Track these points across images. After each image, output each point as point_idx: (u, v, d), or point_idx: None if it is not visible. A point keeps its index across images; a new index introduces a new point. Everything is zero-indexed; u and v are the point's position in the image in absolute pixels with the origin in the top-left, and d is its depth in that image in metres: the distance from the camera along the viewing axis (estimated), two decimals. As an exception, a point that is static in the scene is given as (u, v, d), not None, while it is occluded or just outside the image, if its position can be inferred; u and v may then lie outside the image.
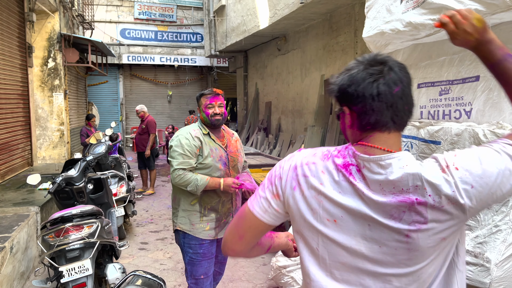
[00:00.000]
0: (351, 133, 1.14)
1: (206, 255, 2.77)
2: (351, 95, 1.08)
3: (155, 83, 17.37)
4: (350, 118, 1.12)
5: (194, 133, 2.72)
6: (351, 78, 1.08)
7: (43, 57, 9.01)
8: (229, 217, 2.83)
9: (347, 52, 7.39)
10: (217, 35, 13.01)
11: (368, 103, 1.06)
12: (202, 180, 2.62)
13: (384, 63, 1.09)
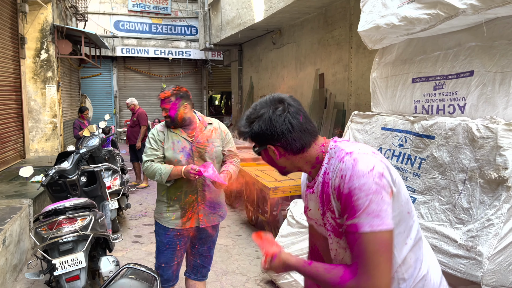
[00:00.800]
0: (287, 160, 1.36)
1: (170, 246, 2.88)
2: (272, 136, 1.30)
3: (149, 76, 17.26)
4: (279, 152, 1.34)
5: (158, 128, 2.92)
6: (265, 123, 1.30)
7: (36, 49, 8.91)
8: (195, 208, 2.86)
9: (342, 46, 7.38)
10: (211, 28, 12.94)
11: (288, 136, 1.29)
12: (165, 169, 2.74)
13: (282, 101, 1.32)
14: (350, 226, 1.16)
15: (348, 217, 1.17)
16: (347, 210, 1.18)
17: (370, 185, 1.15)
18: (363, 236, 1.14)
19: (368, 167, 1.17)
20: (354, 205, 1.15)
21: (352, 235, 1.16)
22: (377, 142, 3.37)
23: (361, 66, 6.79)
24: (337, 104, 7.43)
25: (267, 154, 1.38)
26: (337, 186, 1.21)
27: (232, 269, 4.33)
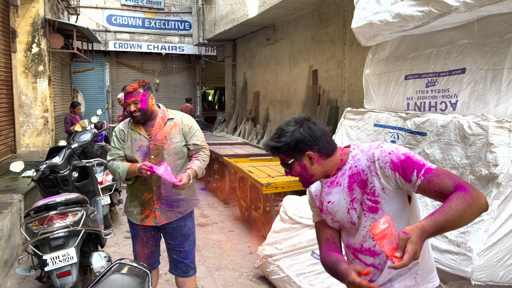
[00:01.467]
0: (321, 165, 1.61)
1: (137, 238, 2.95)
2: (312, 140, 1.57)
3: (142, 71, 17.15)
4: (315, 157, 1.58)
5: (120, 126, 2.91)
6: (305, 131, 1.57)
7: (27, 42, 8.81)
8: (152, 206, 2.85)
9: (336, 43, 7.39)
10: (205, 23, 12.88)
11: (325, 140, 1.59)
12: (122, 168, 2.77)
13: (309, 117, 1.64)
14: (426, 171, 1.43)
15: (418, 170, 1.44)
16: (410, 168, 1.45)
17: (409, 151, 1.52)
18: (438, 170, 1.43)
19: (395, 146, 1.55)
20: (415, 161, 1.46)
21: (431, 175, 1.42)
22: (369, 138, 3.39)
23: (354, 62, 6.80)
24: (330, 100, 7.44)
25: (301, 163, 1.60)
26: (391, 161, 1.49)
27: (224, 264, 4.34)
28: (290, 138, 1.57)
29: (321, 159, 1.59)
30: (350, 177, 1.59)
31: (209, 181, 7.84)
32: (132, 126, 2.84)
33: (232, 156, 6.67)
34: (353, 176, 1.58)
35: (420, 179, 1.42)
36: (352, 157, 1.61)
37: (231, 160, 6.12)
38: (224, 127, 13.57)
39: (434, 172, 1.42)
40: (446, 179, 1.40)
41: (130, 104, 2.74)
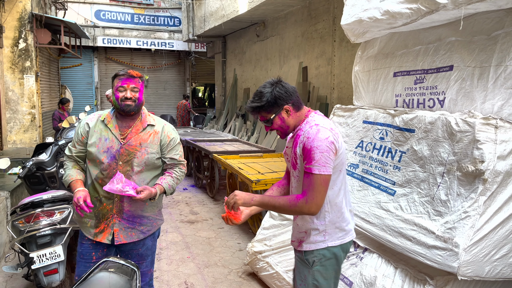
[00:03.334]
0: (294, 118, 2.04)
1: (84, 257, 2.47)
2: (287, 96, 2.00)
3: (131, 67, 16.95)
4: (291, 109, 2.02)
5: (86, 120, 2.49)
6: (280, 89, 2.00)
7: (14, 38, 8.67)
8: (109, 220, 2.44)
9: (325, 40, 7.40)
10: (195, 19, 12.80)
11: (296, 95, 2.03)
12: (67, 177, 2.43)
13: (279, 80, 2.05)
14: (308, 169, 1.89)
15: (307, 163, 1.89)
16: (306, 158, 1.90)
17: (323, 147, 1.87)
18: (314, 175, 1.87)
19: (324, 136, 1.89)
20: (312, 157, 1.87)
21: (307, 174, 1.89)
22: (358, 135, 3.40)
23: (344, 59, 6.82)
24: (320, 97, 7.46)
25: (281, 117, 2.01)
26: (304, 143, 1.92)
27: (214, 261, 4.33)
28: (270, 97, 1.97)
29: (294, 111, 2.02)
30: (296, 136, 2.02)
31: (198, 178, 7.81)
32: (107, 122, 2.44)
33: (222, 153, 6.65)
34: (297, 137, 2.01)
35: (305, 167, 1.92)
36: (306, 122, 2.02)
37: (221, 157, 6.11)
38: (214, 123, 13.53)
39: (310, 174, 1.88)
40: (306, 183, 1.89)
41: (127, 90, 2.38)
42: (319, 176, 1.86)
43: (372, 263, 2.77)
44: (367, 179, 3.09)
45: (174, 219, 5.77)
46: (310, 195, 1.88)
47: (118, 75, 2.42)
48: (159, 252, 4.53)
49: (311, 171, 1.87)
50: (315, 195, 1.87)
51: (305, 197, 1.88)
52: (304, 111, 2.05)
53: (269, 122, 2.03)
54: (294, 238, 2.16)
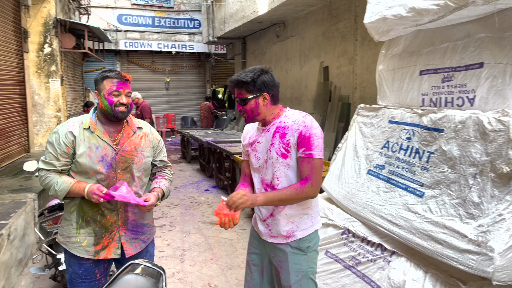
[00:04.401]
0: (267, 108, 2.13)
1: (87, 277, 2.28)
2: (272, 86, 2.12)
3: (152, 70, 17.22)
4: (268, 100, 2.12)
5: (68, 128, 2.20)
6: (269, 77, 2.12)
7: (39, 43, 8.88)
8: (114, 234, 2.28)
9: (347, 39, 7.30)
10: (215, 21, 12.85)
11: (277, 90, 2.17)
12: (63, 184, 2.14)
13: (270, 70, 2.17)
14: (308, 154, 2.03)
15: (306, 149, 2.04)
16: (305, 145, 2.04)
17: (319, 134, 2.06)
18: (315, 159, 2.04)
19: (317, 125, 2.10)
20: (312, 143, 2.04)
21: (307, 159, 2.04)
22: (384, 135, 3.33)
23: (366, 58, 6.72)
24: (342, 97, 7.37)
25: (257, 101, 2.10)
26: (300, 131, 2.04)
27: (237, 263, 4.32)
28: (258, 78, 2.06)
29: (270, 103, 2.12)
30: (276, 128, 2.12)
31: (220, 179, 7.82)
32: (93, 129, 2.22)
33: (243, 154, 6.64)
34: (279, 128, 2.11)
35: (302, 154, 2.04)
36: (285, 115, 2.14)
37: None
38: (234, 125, 13.55)
39: (310, 159, 2.02)
40: (308, 168, 2.03)
41: (122, 95, 2.21)
42: (319, 160, 2.03)
43: (400, 267, 2.70)
44: (394, 181, 3.01)
45: (196, 220, 5.79)
46: (314, 178, 2.01)
47: (109, 76, 2.21)
48: (183, 254, 4.55)
49: (312, 156, 2.02)
50: (318, 177, 2.04)
51: (310, 181, 2.01)
52: (278, 107, 2.17)
53: (244, 102, 2.10)
54: (280, 231, 2.18)
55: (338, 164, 3.78)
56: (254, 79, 2.07)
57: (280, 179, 2.12)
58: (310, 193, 2.03)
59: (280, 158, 2.10)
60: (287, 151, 2.08)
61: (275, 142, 2.11)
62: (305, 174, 2.03)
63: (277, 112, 2.17)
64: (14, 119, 7.16)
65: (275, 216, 2.18)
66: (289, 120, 2.11)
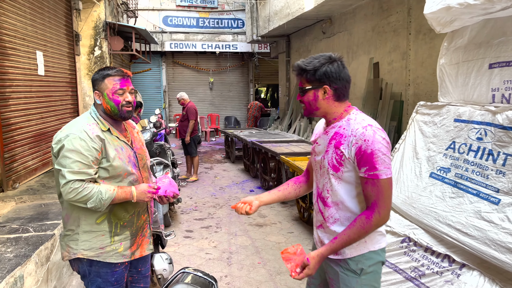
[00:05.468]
0: (328, 104, 1.83)
1: (119, 282, 2.23)
2: (336, 78, 1.78)
3: (197, 70, 17.41)
4: (329, 93, 1.80)
5: (91, 131, 2.03)
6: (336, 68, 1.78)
7: (90, 45, 9.14)
8: (146, 230, 2.30)
9: (399, 33, 6.93)
10: (259, 20, 12.75)
11: (344, 85, 1.81)
12: (108, 192, 2.00)
13: (341, 59, 1.83)
14: (373, 175, 1.69)
15: (369, 169, 1.69)
16: (367, 163, 1.69)
17: (383, 148, 1.69)
18: (381, 181, 1.69)
19: (381, 136, 1.71)
20: (376, 161, 1.68)
21: (372, 181, 1.70)
22: (449, 135, 3.04)
23: (420, 53, 6.33)
24: (393, 94, 7.01)
25: (316, 93, 1.81)
26: (359, 146, 1.70)
27: (286, 268, 4.15)
28: (321, 67, 1.77)
29: (332, 98, 1.81)
30: (334, 134, 1.83)
31: (265, 180, 7.69)
32: (111, 130, 2.13)
33: (289, 154, 6.47)
34: (336, 134, 1.82)
35: (364, 175, 1.71)
36: (348, 119, 1.81)
37: (288, 159, 5.93)
38: (278, 124, 13.39)
39: (375, 181, 1.69)
40: (374, 193, 1.70)
41: (126, 92, 2.10)
42: (387, 180, 1.71)
43: (472, 282, 2.43)
44: (462, 185, 2.73)
45: (242, 222, 5.69)
46: (381, 204, 1.70)
47: (111, 74, 2.08)
48: (230, 256, 4.45)
49: (378, 177, 1.69)
50: (388, 201, 1.71)
51: (377, 208, 1.70)
52: (343, 106, 1.85)
53: (303, 92, 1.85)
54: None
55: (396, 166, 3.52)
56: (315, 68, 1.77)
57: (330, 193, 1.86)
58: (380, 223, 1.71)
59: (330, 170, 1.83)
60: (340, 163, 1.79)
61: (330, 151, 1.84)
62: (370, 200, 1.71)
63: (340, 111, 1.84)
64: (67, 120, 7.39)
65: (329, 228, 1.91)
66: (348, 128, 1.78)
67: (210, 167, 10.01)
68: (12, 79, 4.90)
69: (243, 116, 17.75)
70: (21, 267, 2.70)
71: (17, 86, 5.05)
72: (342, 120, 1.83)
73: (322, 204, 1.90)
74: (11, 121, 4.80)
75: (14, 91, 4.96)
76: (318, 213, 1.94)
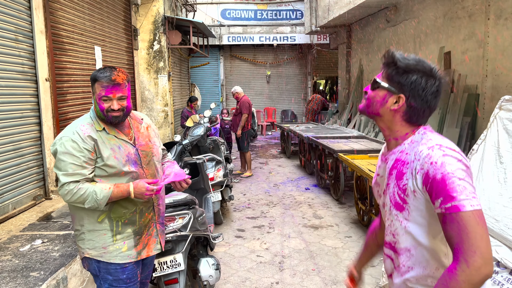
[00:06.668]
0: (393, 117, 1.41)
1: (132, 280, 2.18)
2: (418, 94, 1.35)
3: (254, 64, 17.25)
4: (399, 106, 1.38)
5: (83, 132, 2.03)
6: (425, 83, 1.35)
7: (149, 40, 9.27)
8: (152, 229, 2.23)
9: (475, 18, 6.21)
10: (318, 10, 12.27)
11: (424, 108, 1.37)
12: (103, 191, 1.98)
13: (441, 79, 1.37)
14: (450, 208, 1.20)
15: (444, 200, 1.21)
16: (440, 194, 1.22)
17: (460, 172, 1.22)
18: (465, 214, 1.18)
19: (456, 157, 1.25)
20: (450, 188, 1.21)
21: (451, 217, 1.20)
22: (545, 137, 2.54)
23: (501, 40, 5.61)
24: (467, 87, 6.31)
25: (386, 96, 1.41)
26: (426, 172, 1.26)
27: (342, 277, 3.82)
28: (411, 71, 1.36)
29: (400, 113, 1.40)
30: (395, 161, 1.42)
31: (321, 178, 7.33)
32: (107, 129, 2.10)
33: (348, 152, 6.06)
34: (398, 161, 1.41)
35: (440, 209, 1.23)
36: (411, 142, 1.39)
37: (347, 157, 5.53)
38: (336, 118, 12.87)
39: (453, 215, 1.20)
40: (455, 233, 1.20)
41: (113, 100, 2.03)
42: (474, 214, 1.18)
43: None
44: None
45: (296, 223, 5.40)
46: (469, 248, 1.17)
47: (98, 79, 2.03)
48: (282, 261, 4.20)
49: (459, 209, 1.19)
50: (479, 244, 1.17)
51: (463, 256, 1.17)
52: (410, 128, 1.41)
53: (375, 86, 1.44)
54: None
55: (474, 171, 3.05)
56: (407, 68, 1.36)
57: (397, 238, 1.42)
58: (474, 278, 1.15)
59: (393, 210, 1.41)
60: (404, 200, 1.36)
61: (391, 184, 1.43)
62: (453, 243, 1.22)
63: (405, 132, 1.42)
64: (125, 113, 7.52)
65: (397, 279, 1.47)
66: (411, 152, 1.36)
67: (265, 162, 9.80)
68: (70, 74, 4.97)
69: (300, 109, 17.36)
70: (65, 268, 2.63)
71: (75, 81, 5.13)
72: (405, 143, 1.41)
73: (389, 250, 1.49)
74: (68, 116, 4.87)
75: (72, 86, 5.04)
76: (388, 259, 1.52)
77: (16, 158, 3.81)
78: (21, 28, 3.93)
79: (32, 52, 4.08)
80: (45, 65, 4.24)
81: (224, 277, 3.83)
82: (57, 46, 4.63)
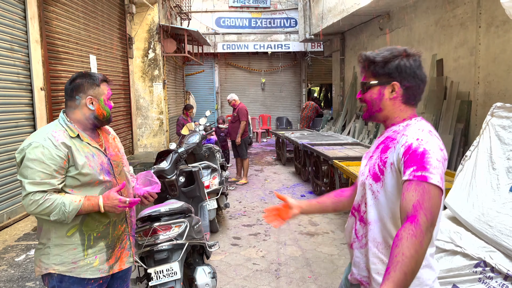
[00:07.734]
0: (393, 105, 1.52)
1: None
2: (409, 75, 1.46)
3: (249, 71, 17.33)
4: (397, 92, 1.49)
5: (56, 138, 1.90)
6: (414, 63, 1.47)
7: (144, 48, 9.31)
8: (125, 242, 2.16)
9: (467, 26, 6.30)
10: (312, 18, 12.38)
11: (419, 85, 1.50)
12: (72, 204, 1.86)
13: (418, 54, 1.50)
14: (420, 176, 1.29)
15: (417, 168, 1.30)
16: (415, 162, 1.31)
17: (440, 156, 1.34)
18: (429, 185, 1.27)
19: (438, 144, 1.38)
20: (426, 161, 1.31)
21: (418, 182, 1.28)
22: (536, 143, 2.58)
23: (492, 48, 5.69)
24: (460, 94, 6.39)
25: (381, 91, 1.51)
26: (409, 144, 1.36)
27: (338, 284, 3.82)
28: (393, 60, 1.47)
29: (399, 99, 1.51)
30: (386, 138, 1.54)
31: (317, 185, 7.35)
32: (81, 136, 2.00)
33: (343, 158, 6.09)
34: (388, 138, 1.52)
35: (409, 176, 1.31)
36: (406, 125, 1.50)
37: (342, 164, 5.56)
38: (331, 125, 12.93)
39: (422, 183, 1.28)
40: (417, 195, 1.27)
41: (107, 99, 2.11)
42: (437, 188, 1.28)
43: None
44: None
45: (292, 230, 5.41)
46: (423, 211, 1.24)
47: (105, 80, 2.10)
48: (278, 268, 4.20)
49: (426, 179, 1.28)
50: (432, 209, 1.25)
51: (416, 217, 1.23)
52: (409, 112, 1.53)
53: (366, 88, 1.56)
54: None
55: (467, 177, 3.09)
56: (386, 59, 1.47)
57: (367, 208, 1.52)
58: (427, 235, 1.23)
59: (369, 179, 1.52)
60: (381, 172, 1.46)
61: (374, 156, 1.55)
62: (409, 208, 1.26)
63: (403, 117, 1.53)
64: (119, 122, 7.52)
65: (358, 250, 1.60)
66: (402, 131, 1.47)
67: (261, 169, 9.82)
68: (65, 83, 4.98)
69: (295, 116, 17.42)
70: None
71: (70, 90, 5.14)
72: (400, 125, 1.52)
73: (357, 220, 1.60)
74: (64, 125, 4.87)
75: (67, 95, 5.04)
76: (352, 230, 1.63)
77: (10, 167, 3.80)
78: (17, 38, 3.94)
79: (28, 61, 4.09)
80: (40, 74, 4.25)
81: (220, 286, 3.82)
82: (52, 55, 4.64)
